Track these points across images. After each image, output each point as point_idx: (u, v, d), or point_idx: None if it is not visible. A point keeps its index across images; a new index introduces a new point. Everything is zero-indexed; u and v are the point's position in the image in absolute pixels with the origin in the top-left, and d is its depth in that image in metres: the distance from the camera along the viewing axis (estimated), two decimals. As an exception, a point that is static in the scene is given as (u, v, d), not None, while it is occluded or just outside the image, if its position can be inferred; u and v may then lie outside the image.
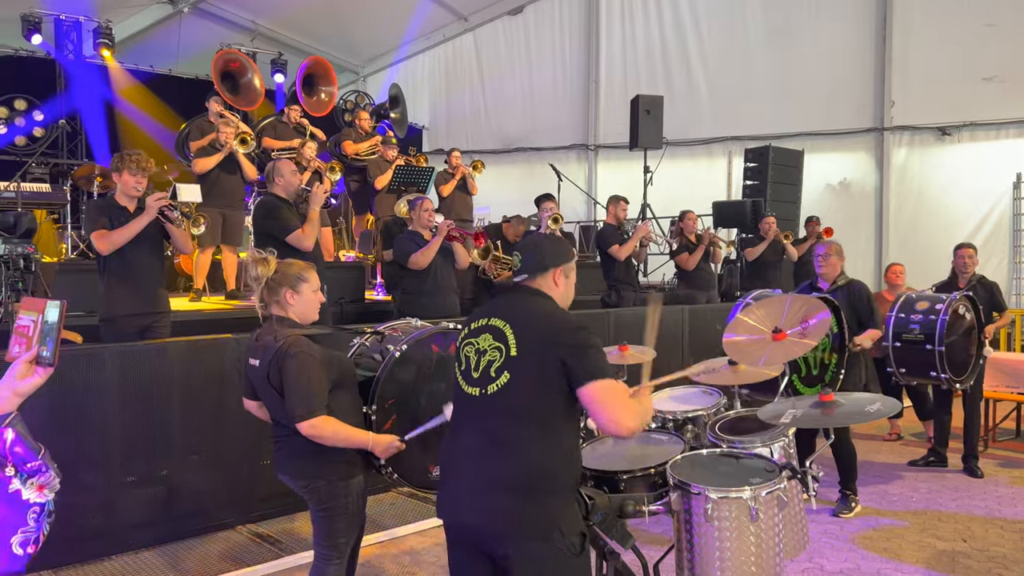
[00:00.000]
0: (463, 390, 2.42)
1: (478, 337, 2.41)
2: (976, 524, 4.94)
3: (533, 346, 2.30)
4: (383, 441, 2.92)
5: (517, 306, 2.44)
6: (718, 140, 13.24)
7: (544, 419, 2.27)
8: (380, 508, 5.16)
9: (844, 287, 5.27)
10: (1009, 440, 7.12)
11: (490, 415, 2.32)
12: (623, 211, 7.69)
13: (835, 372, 4.83)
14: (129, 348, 4.47)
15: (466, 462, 2.33)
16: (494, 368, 2.32)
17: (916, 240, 11.74)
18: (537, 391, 2.27)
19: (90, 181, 8.65)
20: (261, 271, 2.93)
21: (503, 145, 14.64)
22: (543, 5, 14.41)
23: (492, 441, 2.29)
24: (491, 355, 2.35)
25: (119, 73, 11.68)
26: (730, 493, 2.55)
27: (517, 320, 2.37)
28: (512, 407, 2.28)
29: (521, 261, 2.50)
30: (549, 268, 2.47)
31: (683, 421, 3.40)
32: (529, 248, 2.54)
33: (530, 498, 2.22)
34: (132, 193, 4.68)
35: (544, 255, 2.48)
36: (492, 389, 2.31)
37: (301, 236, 5.05)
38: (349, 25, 13.93)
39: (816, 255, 5.42)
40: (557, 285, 2.48)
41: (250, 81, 9.74)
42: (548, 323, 2.34)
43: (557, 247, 2.55)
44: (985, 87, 11.31)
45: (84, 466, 4.22)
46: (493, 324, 2.40)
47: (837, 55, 12.29)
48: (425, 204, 6.16)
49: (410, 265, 5.95)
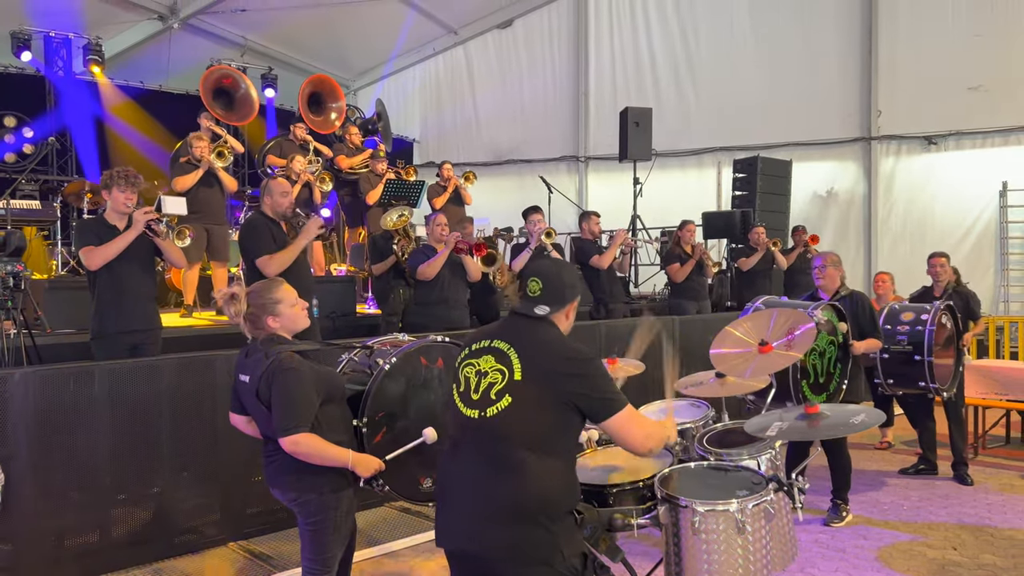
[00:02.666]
0: (461, 411, 2.39)
1: (479, 358, 2.38)
2: (966, 532, 4.96)
3: (540, 373, 2.28)
4: (363, 460, 2.94)
5: (523, 331, 2.40)
6: (707, 151, 13.33)
7: (544, 444, 2.26)
8: (372, 523, 5.15)
9: (847, 297, 5.28)
10: (999, 447, 7.16)
11: (488, 438, 2.30)
12: (596, 225, 7.77)
13: (839, 382, 4.83)
14: (119, 365, 4.47)
15: (465, 487, 2.32)
16: (495, 391, 2.30)
17: (904, 248, 11.84)
18: (538, 417, 2.26)
19: (80, 197, 8.65)
20: (235, 310, 2.97)
21: (494, 157, 14.70)
22: (532, 18, 14.52)
23: (492, 466, 2.27)
24: (492, 377, 2.32)
25: (109, 89, 11.67)
26: (717, 506, 2.57)
27: (523, 345, 2.34)
28: (511, 431, 2.26)
29: (542, 291, 2.42)
30: (567, 302, 2.46)
31: (671, 434, 3.41)
32: (551, 278, 2.45)
33: (533, 524, 2.22)
34: (122, 210, 4.68)
35: (566, 289, 2.46)
36: (491, 412, 2.29)
37: (267, 262, 4.91)
38: (340, 39, 13.98)
39: (814, 267, 5.43)
40: (568, 318, 2.48)
41: (245, 94, 9.73)
42: (558, 352, 2.33)
43: (575, 280, 2.54)
44: (971, 96, 11.44)
45: (74, 484, 4.20)
46: (496, 346, 2.37)
47: (824, 66, 12.42)
48: (439, 219, 6.42)
49: (418, 276, 6.17)
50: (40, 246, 8.86)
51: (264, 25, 12.84)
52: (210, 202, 7.29)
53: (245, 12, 12.16)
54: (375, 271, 7.17)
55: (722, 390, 3.33)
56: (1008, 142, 11.40)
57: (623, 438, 2.34)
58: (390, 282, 7.01)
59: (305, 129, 9.16)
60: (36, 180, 9.45)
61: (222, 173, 7.34)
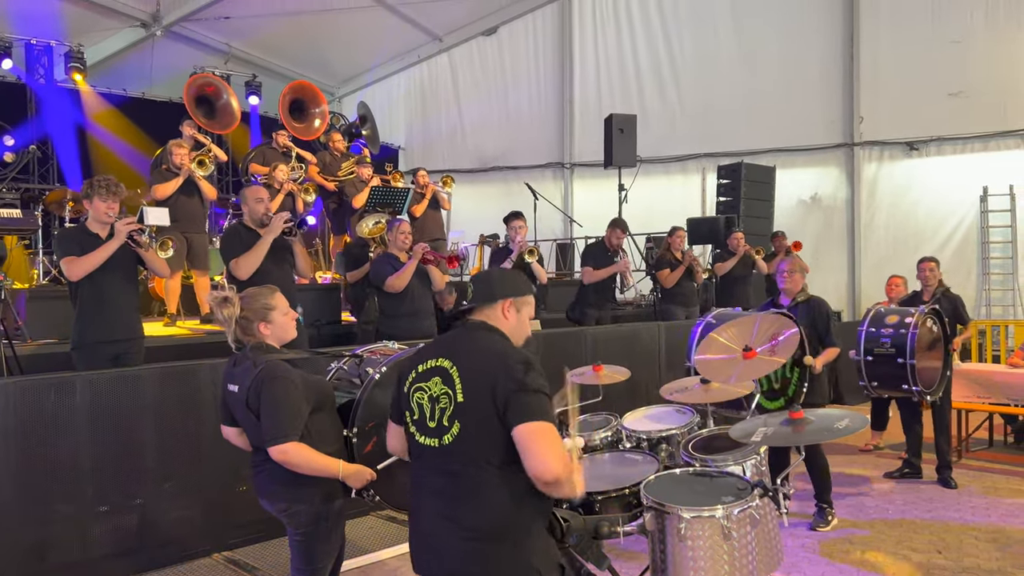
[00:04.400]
0: (418, 441, 2.31)
1: (428, 381, 2.31)
2: (951, 535, 4.99)
3: (480, 388, 2.20)
4: (354, 471, 2.91)
5: (462, 343, 2.34)
6: (692, 157, 13.40)
7: (505, 462, 2.18)
8: (359, 532, 5.13)
9: (804, 303, 5.32)
10: (982, 450, 7.21)
11: (450, 465, 2.23)
12: (618, 239, 7.70)
13: (798, 386, 4.87)
14: (100, 376, 4.42)
15: (434, 516, 2.27)
16: (446, 417, 2.23)
17: (888, 252, 11.93)
18: (488, 435, 2.18)
19: (62, 206, 8.57)
20: (227, 313, 2.92)
21: (480, 164, 14.71)
22: (517, 26, 14.57)
23: (456, 491, 2.22)
24: (443, 403, 2.24)
25: (91, 97, 11.59)
26: (703, 512, 2.57)
27: (462, 359, 2.27)
28: (470, 455, 2.20)
29: (473, 292, 2.41)
30: (498, 299, 2.37)
31: (657, 440, 3.43)
32: (481, 278, 2.46)
33: (504, 545, 2.19)
34: (104, 219, 4.64)
35: (494, 285, 2.40)
36: (447, 440, 2.23)
37: (235, 264, 4.96)
38: (324, 47, 13.97)
39: (780, 271, 5.46)
40: (507, 318, 2.38)
41: (227, 103, 9.71)
42: (494, 360, 2.22)
43: (511, 279, 2.46)
44: (951, 103, 11.55)
45: (56, 496, 4.16)
46: (440, 365, 2.29)
47: (807, 73, 12.52)
48: (402, 227, 6.20)
49: (386, 288, 5.97)
50: (21, 255, 8.76)
51: (248, 32, 12.81)
52: (189, 210, 7.19)
53: (229, 19, 12.13)
54: (350, 279, 7.12)
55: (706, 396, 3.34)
56: (988, 147, 11.51)
57: (532, 451, 2.10)
58: (365, 290, 6.97)
59: (287, 136, 9.12)
60: (17, 188, 9.34)
61: (202, 181, 7.25)
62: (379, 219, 7.15)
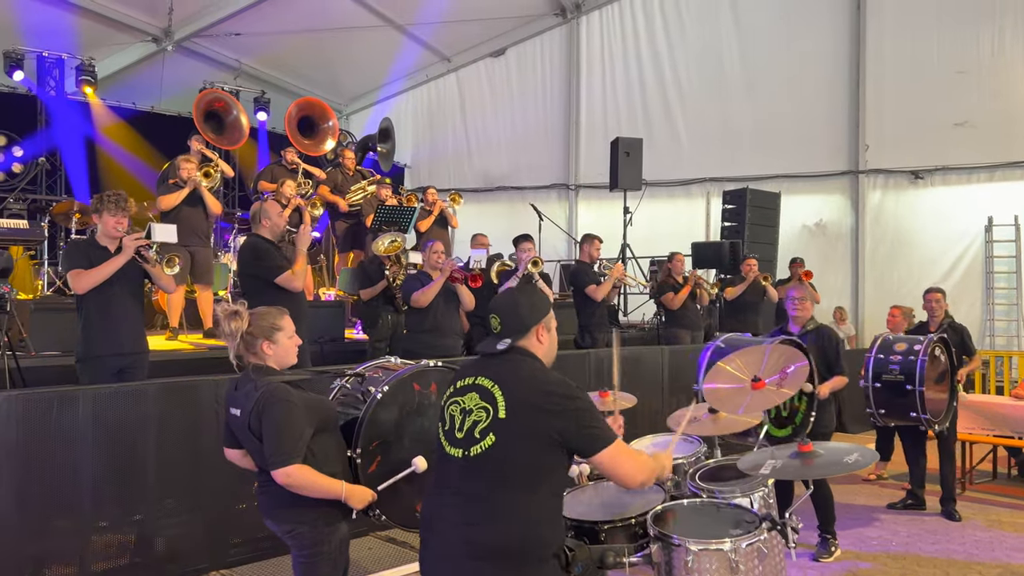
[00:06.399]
0: (445, 451, 2.36)
1: (464, 396, 2.35)
2: (955, 569, 4.94)
3: (524, 411, 2.24)
4: (356, 492, 2.91)
5: (505, 368, 2.35)
6: (696, 181, 13.43)
7: (529, 482, 2.22)
8: (359, 553, 5.07)
9: (813, 331, 5.31)
10: (986, 483, 7.16)
11: (473, 478, 2.26)
12: (596, 250, 7.76)
13: (805, 415, 4.84)
14: (103, 390, 4.41)
15: (449, 528, 2.28)
16: (479, 429, 2.27)
17: (891, 280, 11.92)
18: (523, 455, 2.22)
19: (68, 217, 8.60)
20: (235, 326, 2.90)
21: (485, 184, 14.75)
22: (525, 48, 14.65)
23: (475, 506, 2.23)
24: (477, 415, 2.28)
25: (101, 110, 11.65)
26: (710, 545, 2.55)
27: (507, 382, 2.30)
28: (496, 470, 2.23)
29: (501, 324, 2.39)
30: (531, 327, 2.39)
31: (663, 469, 3.39)
32: (506, 310, 2.42)
33: (516, 567, 2.19)
34: (113, 234, 4.64)
35: (523, 315, 2.39)
36: (475, 451, 2.26)
37: (291, 277, 5.03)
38: (333, 64, 14.05)
39: (790, 298, 5.45)
40: (541, 342, 2.41)
41: (236, 119, 9.74)
42: (540, 388, 2.27)
43: (534, 302, 2.45)
44: (956, 132, 11.58)
45: (55, 511, 4.12)
46: (481, 384, 2.33)
47: (812, 100, 12.56)
48: (435, 246, 6.36)
49: (411, 303, 6.15)
50: (27, 266, 8.78)
51: (258, 49, 12.90)
52: (194, 224, 7.17)
53: (239, 36, 12.21)
54: (363, 296, 7.13)
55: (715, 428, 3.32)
56: (993, 178, 11.53)
57: (613, 472, 2.30)
58: (379, 308, 6.98)
59: (295, 153, 9.15)
60: (24, 199, 9.39)
61: (207, 195, 7.24)
62: (395, 238, 7.14)
